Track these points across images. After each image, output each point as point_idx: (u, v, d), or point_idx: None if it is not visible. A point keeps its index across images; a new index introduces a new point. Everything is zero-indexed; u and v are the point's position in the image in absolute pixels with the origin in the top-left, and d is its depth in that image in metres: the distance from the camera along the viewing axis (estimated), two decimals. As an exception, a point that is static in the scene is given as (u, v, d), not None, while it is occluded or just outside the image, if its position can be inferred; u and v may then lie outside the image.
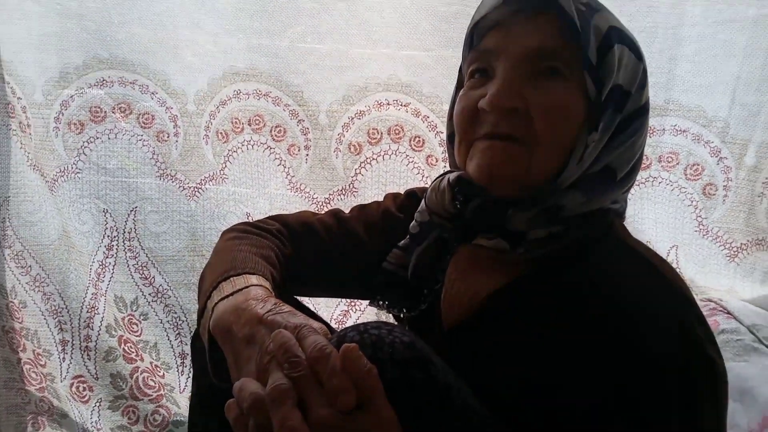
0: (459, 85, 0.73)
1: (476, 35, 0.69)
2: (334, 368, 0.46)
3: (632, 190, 1.17)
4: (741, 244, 1.14)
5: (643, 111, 0.67)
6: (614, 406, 0.56)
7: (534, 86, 0.63)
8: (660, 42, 1.10)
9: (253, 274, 0.67)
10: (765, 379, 0.94)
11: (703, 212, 1.16)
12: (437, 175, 0.74)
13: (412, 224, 0.77)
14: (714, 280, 1.19)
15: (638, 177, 1.15)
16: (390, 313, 0.82)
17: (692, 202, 1.16)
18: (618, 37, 0.64)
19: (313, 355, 0.48)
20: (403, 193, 0.88)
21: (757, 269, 1.13)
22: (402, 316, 0.81)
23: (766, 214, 1.09)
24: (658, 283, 0.60)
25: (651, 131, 1.15)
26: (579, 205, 0.64)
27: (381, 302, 0.80)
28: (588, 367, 0.58)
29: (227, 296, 0.62)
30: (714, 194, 1.15)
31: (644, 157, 1.15)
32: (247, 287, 0.63)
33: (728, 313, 1.11)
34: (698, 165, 1.14)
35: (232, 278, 0.65)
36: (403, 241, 0.78)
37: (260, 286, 0.64)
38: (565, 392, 0.59)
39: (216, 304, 0.62)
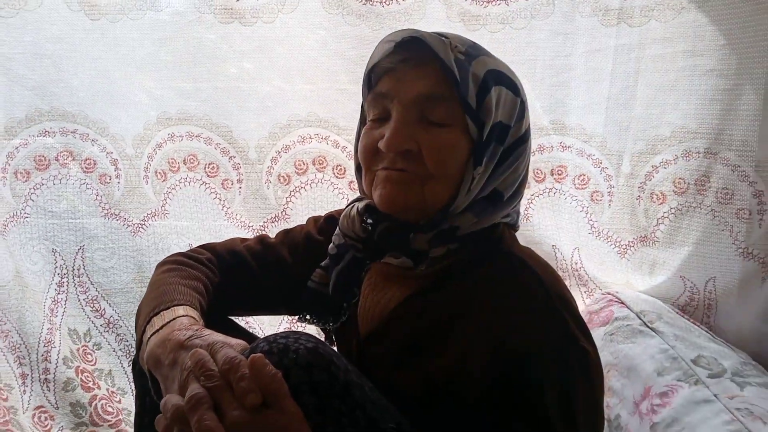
0: (362, 121, 0.82)
1: (373, 78, 0.77)
2: (243, 375, 0.56)
3: (534, 202, 1.32)
4: (628, 241, 1.29)
5: (523, 139, 0.77)
6: (500, 395, 0.66)
7: (424, 129, 0.71)
8: (540, 71, 1.25)
9: (181, 305, 0.75)
10: (647, 356, 1.07)
11: (593, 216, 1.31)
12: (349, 203, 0.83)
13: (330, 246, 0.87)
14: (612, 275, 1.34)
15: (537, 189, 1.31)
16: (317, 326, 0.92)
17: (583, 208, 1.31)
18: (495, 79, 0.72)
19: (224, 366, 0.57)
20: (323, 216, 0.97)
21: (645, 263, 1.28)
22: (328, 328, 0.93)
23: (644, 214, 1.24)
24: (537, 287, 0.70)
25: (541, 149, 1.30)
26: (472, 224, 0.74)
27: (308, 317, 0.90)
28: (476, 363, 0.68)
29: (157, 330, 0.70)
30: (600, 200, 1.30)
31: (539, 172, 1.30)
32: (174, 319, 0.71)
33: (621, 302, 1.26)
34: (584, 175, 1.29)
35: (162, 312, 0.73)
36: (324, 262, 0.88)
37: (186, 316, 0.72)
38: (458, 386, 0.70)
39: (149, 338, 0.70)
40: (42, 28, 1.22)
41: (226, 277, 0.91)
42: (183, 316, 0.72)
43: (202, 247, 0.96)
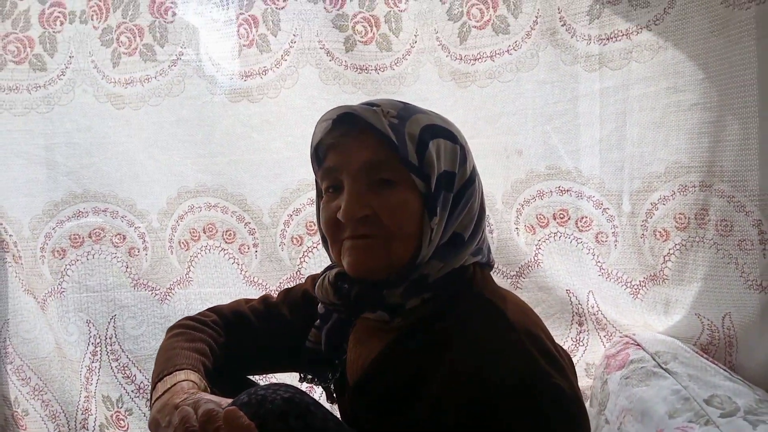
0: (318, 194, 0.88)
1: (320, 154, 0.83)
2: (218, 426, 0.61)
3: (542, 248, 1.33)
4: (639, 281, 1.27)
5: (471, 181, 0.81)
6: None
7: (375, 193, 0.76)
8: (532, 120, 1.28)
9: (182, 370, 0.81)
10: (660, 399, 1.04)
11: (601, 257, 1.30)
12: (322, 271, 0.89)
13: (319, 306, 0.92)
14: (630, 317, 1.31)
15: (542, 235, 1.32)
16: (318, 385, 0.97)
17: (589, 250, 1.31)
18: (431, 133, 0.77)
19: (202, 419, 0.63)
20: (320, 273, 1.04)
21: (658, 302, 1.25)
22: (327, 384, 0.96)
23: (651, 252, 1.23)
24: (503, 327, 0.72)
25: (540, 194, 1.32)
26: (439, 270, 0.78)
27: (309, 377, 0.95)
28: (450, 411, 0.69)
29: (160, 396, 0.76)
30: (606, 241, 1.29)
31: (542, 217, 1.31)
32: (174, 384, 0.77)
33: (638, 344, 1.23)
34: (586, 217, 1.30)
35: (165, 378, 0.80)
36: (316, 322, 0.93)
37: (186, 380, 0.78)
38: (431, 429, 0.72)
39: (152, 403, 0.77)
40: (74, 120, 1.37)
41: (231, 337, 0.97)
42: (183, 380, 0.79)
43: (209, 310, 1.03)
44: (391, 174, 0.76)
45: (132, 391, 1.43)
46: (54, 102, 1.36)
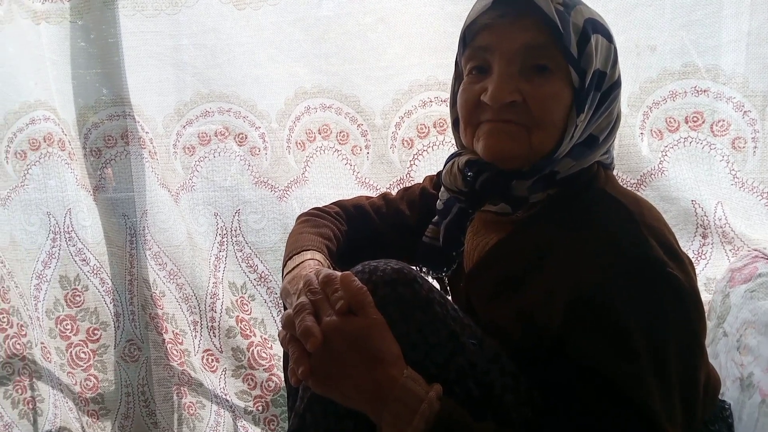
0: (457, 76, 0.86)
1: (468, 35, 0.79)
2: (335, 288, 0.67)
3: (668, 154, 1.25)
4: (778, 192, 1.17)
5: (617, 84, 0.79)
6: (584, 316, 0.68)
7: (528, 80, 0.74)
8: (670, 12, 1.17)
9: (308, 250, 0.89)
10: (790, 312, 0.98)
11: (736, 165, 1.20)
12: (447, 158, 0.88)
13: (437, 202, 0.94)
14: (761, 231, 1.22)
15: (671, 140, 1.24)
16: (432, 277, 1.00)
17: (723, 157, 1.21)
18: (593, 27, 0.74)
19: (322, 280, 0.69)
20: (436, 174, 1.05)
21: (799, 215, 1.15)
22: (442, 276, 1.00)
23: (796, 159, 1.12)
24: (624, 218, 0.72)
25: (673, 95, 1.22)
26: (570, 168, 0.78)
27: (424, 269, 0.99)
28: (562, 295, 0.71)
29: (290, 271, 0.85)
30: (743, 147, 1.18)
31: (672, 120, 1.23)
32: (302, 262, 0.85)
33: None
34: (723, 121, 1.19)
35: (294, 257, 0.88)
36: (434, 218, 0.95)
37: (312, 259, 0.86)
38: (545, 319, 0.73)
39: (284, 276, 0.86)
40: (199, 21, 1.42)
41: (352, 227, 1.03)
42: (309, 259, 0.86)
43: (332, 203, 1.09)
44: (549, 61, 0.74)
45: (254, 279, 1.55)
46: (181, 4, 1.41)
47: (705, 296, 1.27)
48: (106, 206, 1.58)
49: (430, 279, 1.00)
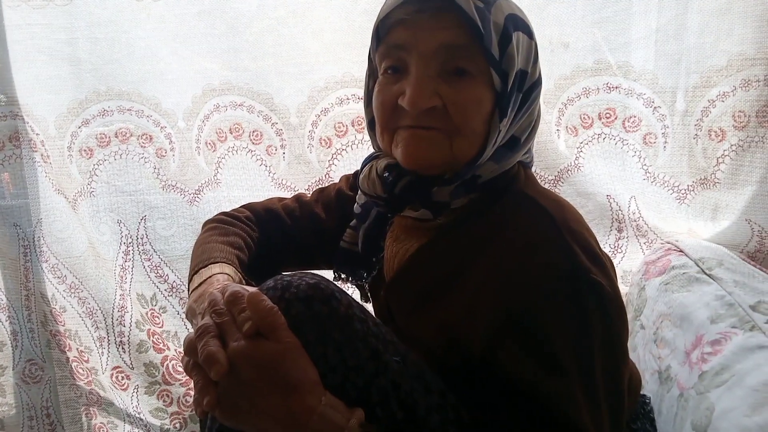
0: (371, 73, 0.81)
1: (382, 29, 0.74)
2: (242, 307, 0.61)
3: (584, 150, 1.26)
4: (687, 185, 1.20)
5: (538, 82, 0.76)
6: (509, 332, 0.66)
7: (447, 83, 0.69)
8: (581, 9, 1.17)
9: (216, 263, 0.82)
10: (701, 304, 0.99)
11: (647, 160, 1.22)
12: (364, 160, 0.83)
13: (355, 206, 0.89)
14: (673, 224, 1.25)
15: (585, 136, 1.25)
16: (351, 284, 0.96)
17: (636, 152, 1.23)
18: (514, 24, 0.70)
19: (228, 299, 0.62)
20: (353, 173, 1.00)
21: (706, 207, 1.18)
22: (362, 283, 0.95)
23: (703, 154, 1.15)
24: (544, 222, 0.70)
25: (586, 92, 1.23)
26: (492, 172, 0.75)
27: (342, 276, 0.94)
28: (484, 306, 0.68)
29: (196, 287, 0.78)
30: (654, 142, 1.21)
31: (586, 117, 1.24)
32: (210, 276, 0.78)
33: (680, 251, 1.17)
34: (635, 117, 1.21)
35: (200, 270, 0.81)
36: (352, 222, 0.91)
37: (221, 273, 0.79)
38: (468, 331, 0.70)
39: (190, 294, 0.80)
40: (94, 12, 1.30)
41: (264, 233, 0.97)
42: (218, 273, 0.79)
43: (242, 206, 1.02)
44: (469, 63, 0.69)
45: (165, 290, 1.45)
46: (72, -7, 1.29)
47: (623, 289, 1.30)
48: (-6, 215, 1.43)
49: (349, 286, 0.96)
